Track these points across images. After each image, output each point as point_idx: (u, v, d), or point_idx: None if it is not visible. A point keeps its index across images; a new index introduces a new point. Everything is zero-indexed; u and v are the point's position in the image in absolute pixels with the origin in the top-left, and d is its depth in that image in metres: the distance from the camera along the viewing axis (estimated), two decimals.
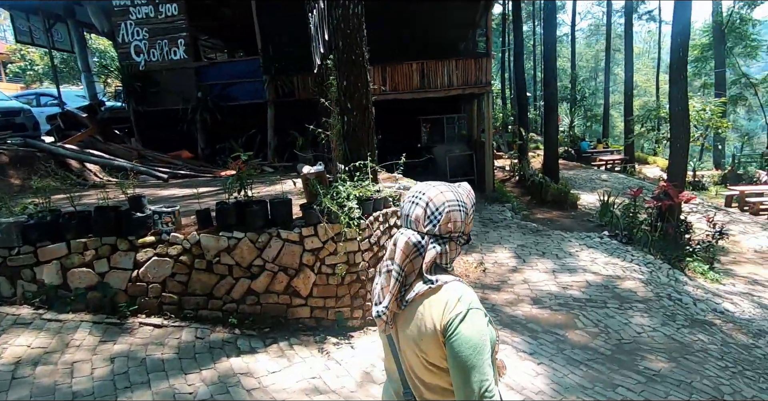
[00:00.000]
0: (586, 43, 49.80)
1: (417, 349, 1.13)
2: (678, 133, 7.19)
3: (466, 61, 9.42)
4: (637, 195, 7.48)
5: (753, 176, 15.99)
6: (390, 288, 1.14)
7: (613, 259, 6.52)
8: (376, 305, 1.19)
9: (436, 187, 1.18)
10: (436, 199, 1.15)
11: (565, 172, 16.35)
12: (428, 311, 1.10)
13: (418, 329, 1.11)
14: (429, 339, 1.09)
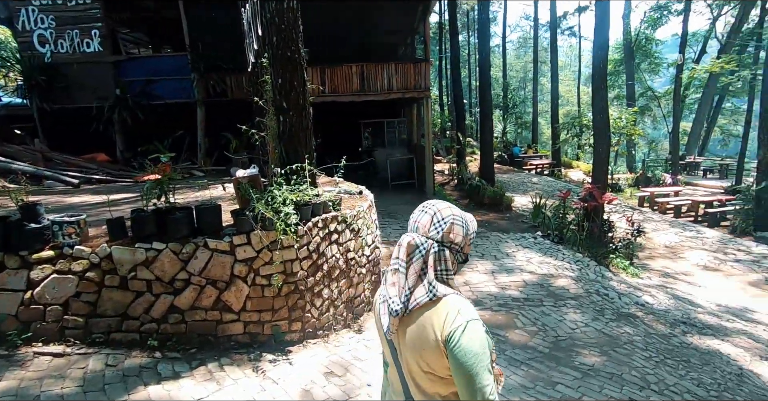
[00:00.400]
0: (516, 54, 53.01)
1: (419, 358, 1.18)
2: (600, 139, 7.74)
3: (405, 65, 9.49)
4: (566, 197, 7.93)
5: (659, 179, 17.83)
6: (400, 283, 1.21)
7: (547, 258, 6.82)
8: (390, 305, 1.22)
9: (445, 203, 1.30)
10: (444, 210, 1.26)
11: (500, 176, 17.08)
12: (429, 323, 1.16)
13: (420, 339, 1.17)
14: (431, 350, 1.15)
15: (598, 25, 7.80)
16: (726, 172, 21.45)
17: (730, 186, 16.57)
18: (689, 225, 11.28)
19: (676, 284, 7.07)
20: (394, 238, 7.49)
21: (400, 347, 1.24)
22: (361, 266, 4.66)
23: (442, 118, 25.91)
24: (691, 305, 5.91)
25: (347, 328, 4.30)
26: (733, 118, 33.51)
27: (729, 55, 17.62)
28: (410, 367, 1.23)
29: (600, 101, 7.67)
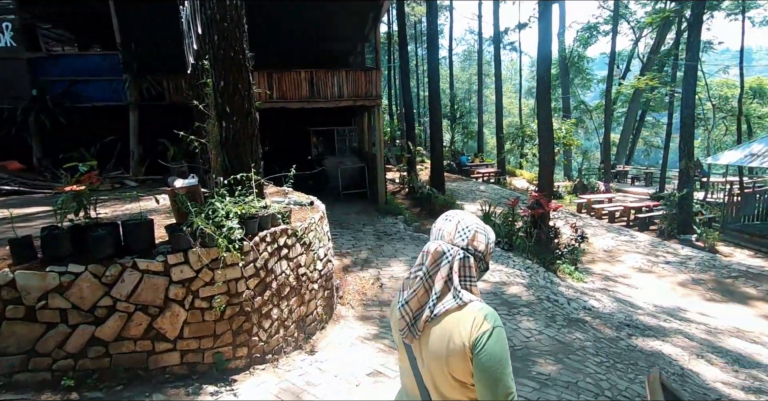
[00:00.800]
0: (461, 67, 55.09)
1: (443, 364, 1.19)
2: (545, 147, 8.04)
3: (356, 72, 9.36)
4: (515, 205, 8.14)
5: (594, 186, 19.05)
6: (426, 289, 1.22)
7: (498, 266, 6.90)
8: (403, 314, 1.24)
9: (466, 213, 1.34)
10: (467, 219, 1.30)
11: (449, 184, 17.38)
12: (456, 328, 1.17)
13: (446, 345, 1.18)
14: (457, 355, 1.16)
15: (541, 42, 8.18)
16: (651, 179, 23.42)
17: (655, 192, 18.07)
18: (623, 230, 12.05)
19: (617, 287, 7.43)
20: (347, 249, 7.26)
21: (421, 353, 1.25)
22: (313, 282, 4.39)
23: (392, 127, 26.13)
24: (632, 307, 6.20)
25: (299, 350, 4.00)
26: (654, 131, 36.87)
27: (652, 73, 19.32)
28: (432, 372, 1.23)
29: (544, 112, 7.99)
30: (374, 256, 7.03)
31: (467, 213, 1.33)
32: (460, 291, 1.21)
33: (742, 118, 18.64)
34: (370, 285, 5.88)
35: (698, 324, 5.88)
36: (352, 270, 6.40)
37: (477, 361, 1.14)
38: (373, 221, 9.20)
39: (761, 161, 11.56)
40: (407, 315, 1.23)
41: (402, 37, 14.17)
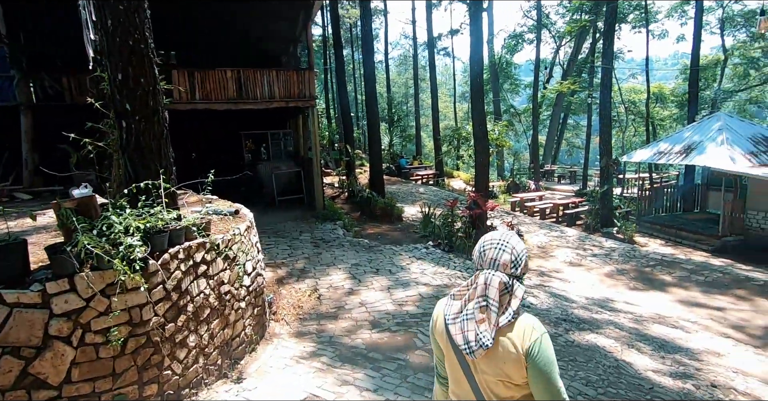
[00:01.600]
0: (398, 71, 55.95)
1: (500, 371, 1.37)
2: (480, 147, 8.15)
3: (288, 72, 8.90)
4: (453, 206, 8.16)
5: (525, 185, 20.01)
6: (491, 320, 1.36)
7: (440, 268, 6.83)
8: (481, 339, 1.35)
9: (512, 236, 1.45)
10: (518, 246, 1.43)
11: (388, 187, 17.34)
12: (510, 340, 1.35)
13: (502, 354, 1.36)
14: (512, 362, 1.35)
15: (473, 47, 8.31)
16: (574, 177, 25.16)
17: (579, 189, 19.35)
18: (554, 226, 12.67)
19: (552, 282, 7.68)
20: (282, 260, 6.80)
21: (476, 363, 1.41)
22: (239, 300, 3.94)
23: (330, 131, 25.72)
24: (566, 301, 6.39)
25: (223, 379, 3.54)
26: (575, 132, 39.86)
27: (573, 78, 20.70)
28: (487, 378, 1.40)
29: (478, 113, 8.11)
30: (312, 265, 6.65)
31: (511, 237, 1.45)
32: (514, 312, 1.37)
33: (649, 120, 20.62)
34: (307, 298, 5.50)
35: (626, 314, 6.18)
36: (287, 282, 5.97)
37: (531, 366, 1.32)
38: (310, 228, 8.79)
39: (667, 158, 12.74)
40: (464, 335, 1.38)
41: (337, 38, 13.88)
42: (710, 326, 6.03)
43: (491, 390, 1.40)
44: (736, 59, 29.62)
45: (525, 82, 37.41)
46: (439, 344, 1.54)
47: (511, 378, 1.35)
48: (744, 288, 7.50)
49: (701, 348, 5.09)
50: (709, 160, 11.38)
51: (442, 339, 1.49)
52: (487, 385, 1.40)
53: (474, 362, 1.40)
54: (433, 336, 1.56)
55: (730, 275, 8.19)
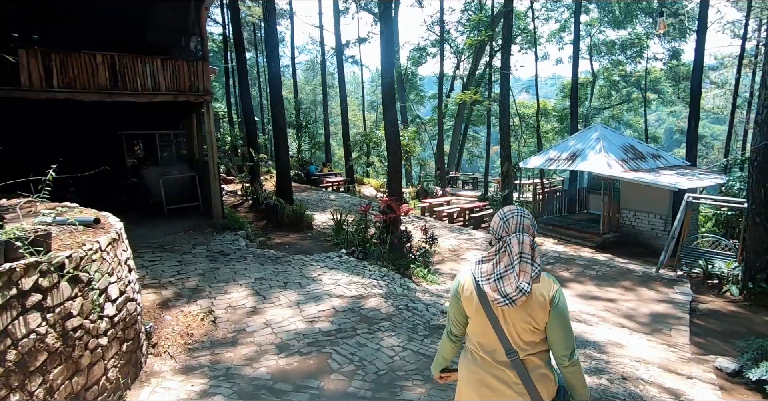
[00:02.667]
0: (306, 78, 54.88)
1: (528, 318, 1.67)
2: (393, 150, 7.92)
3: (177, 62, 7.76)
4: (367, 211, 7.78)
5: (433, 191, 20.63)
6: (529, 272, 1.66)
7: (354, 278, 6.35)
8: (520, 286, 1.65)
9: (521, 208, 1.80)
10: (528, 214, 1.77)
11: (298, 194, 16.52)
12: (538, 289, 1.67)
13: (533, 302, 1.66)
14: (539, 308, 1.66)
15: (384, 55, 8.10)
16: (477, 183, 26.75)
17: (482, 195, 20.47)
18: (462, 229, 13.04)
19: None
20: (169, 278, 5.75)
21: (506, 315, 1.70)
22: (98, 335, 3.02)
23: (234, 136, 23.95)
24: None
25: None
26: (475, 142, 42.82)
27: (473, 89, 21.96)
28: (516, 325, 1.70)
29: (390, 113, 7.87)
30: (206, 283, 5.71)
31: (522, 209, 1.77)
32: (538, 266, 1.70)
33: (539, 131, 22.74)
34: (199, 322, 4.61)
35: None
36: (174, 305, 4.99)
37: (554, 310, 1.67)
38: (206, 239, 7.71)
39: (557, 164, 13.95)
40: (502, 289, 1.65)
41: (237, 33, 12.80)
42: (607, 317, 6.44)
43: (518, 335, 1.69)
44: (601, 81, 34.47)
45: (429, 94, 39.21)
46: (463, 305, 1.80)
47: (537, 322, 1.66)
48: (628, 279, 8.28)
49: (605, 340, 5.33)
50: (591, 165, 12.67)
51: (470, 299, 1.75)
52: (516, 332, 1.69)
53: (504, 314, 1.69)
54: (458, 298, 1.82)
55: (615, 268, 9.04)
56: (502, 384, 1.74)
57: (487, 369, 1.77)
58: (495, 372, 1.75)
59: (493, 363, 1.76)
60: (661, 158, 13.98)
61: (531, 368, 1.72)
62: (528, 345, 1.71)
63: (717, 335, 6.15)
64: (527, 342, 1.70)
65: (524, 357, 1.72)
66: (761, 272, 7.79)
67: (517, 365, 1.71)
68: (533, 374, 1.72)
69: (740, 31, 26.84)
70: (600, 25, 31.37)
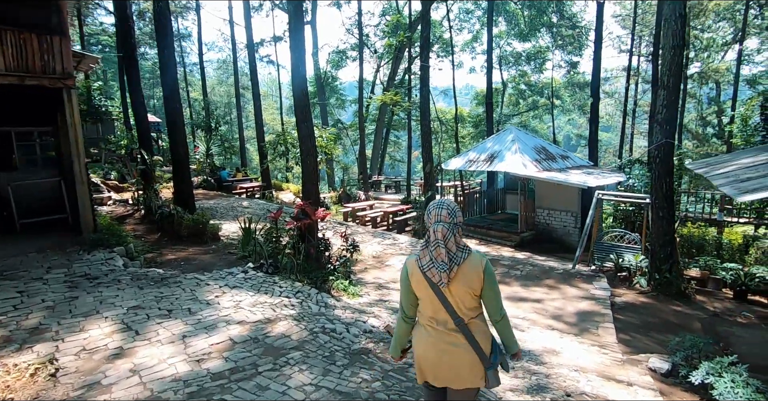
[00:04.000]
0: (219, 78, 51.22)
1: (467, 288, 2.08)
2: (307, 150, 7.01)
3: (22, 34, 6.06)
4: (278, 217, 6.76)
5: (356, 196, 19.95)
6: (444, 255, 2.06)
7: (261, 297, 5.33)
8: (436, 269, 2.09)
9: (447, 200, 2.21)
10: (451, 204, 2.16)
11: (206, 202, 14.84)
12: (472, 265, 2.09)
13: (470, 274, 2.08)
14: (475, 278, 2.08)
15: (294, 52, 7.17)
16: (399, 187, 26.64)
17: (405, 198, 20.24)
18: (386, 234, 12.47)
19: (391, 295, 7.00)
20: (16, 318, 4.25)
21: (450, 286, 2.09)
22: None
23: (130, 138, 21.08)
24: None
25: None
26: (396, 147, 43.17)
27: (393, 90, 21.76)
28: (459, 295, 2.09)
29: (302, 109, 6.97)
30: (55, 319, 4.31)
31: (448, 200, 2.19)
32: (464, 247, 2.12)
33: (458, 135, 23.20)
34: (27, 379, 3.30)
35: None
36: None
37: (486, 277, 2.09)
38: (70, 260, 6.11)
39: (477, 165, 14.04)
40: (439, 273, 2.06)
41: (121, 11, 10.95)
42: (537, 320, 6.17)
43: (463, 304, 2.11)
44: (510, 89, 36.76)
45: (350, 98, 38.69)
46: (414, 289, 2.19)
47: (475, 289, 2.09)
48: (551, 277, 8.25)
49: (540, 347, 4.96)
50: (509, 166, 12.88)
51: (421, 284, 2.14)
52: (460, 302, 2.10)
53: (449, 290, 2.10)
54: (408, 284, 2.20)
55: (537, 267, 9.03)
56: (453, 346, 2.13)
57: (441, 337, 2.15)
58: (447, 338, 2.13)
59: (445, 331, 2.13)
60: (569, 158, 14.76)
61: (474, 329, 2.13)
62: (470, 311, 2.12)
63: (638, 329, 6.18)
64: (469, 308, 2.11)
65: (468, 321, 2.12)
66: (665, 263, 8.21)
67: (463, 329, 2.11)
68: (476, 334, 2.12)
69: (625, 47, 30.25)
70: (507, 38, 33.42)
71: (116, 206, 11.98)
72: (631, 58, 22.90)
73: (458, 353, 2.12)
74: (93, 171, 17.58)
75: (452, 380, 2.17)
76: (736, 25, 24.84)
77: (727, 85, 28.77)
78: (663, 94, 7.83)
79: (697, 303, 7.75)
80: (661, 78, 7.87)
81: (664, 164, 8.02)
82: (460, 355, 2.12)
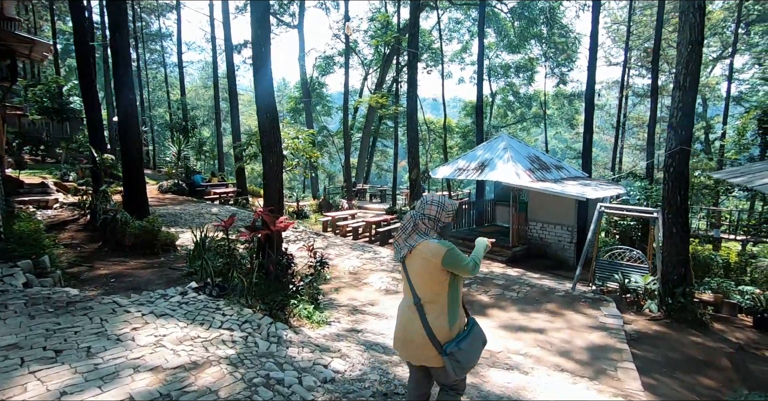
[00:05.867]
0: (204, 83, 49.78)
1: (425, 272, 2.39)
2: (269, 145, 5.87)
3: None
4: (228, 225, 5.56)
5: (339, 204, 18.79)
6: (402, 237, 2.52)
7: (195, 330, 4.12)
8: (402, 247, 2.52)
9: (433, 195, 2.56)
10: (429, 198, 2.52)
11: (172, 208, 13.52)
12: (429, 252, 2.38)
13: (425, 262, 2.39)
14: (432, 267, 2.36)
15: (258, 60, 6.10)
16: (385, 196, 25.57)
17: (390, 207, 19.14)
18: (367, 247, 11.32)
19: (366, 322, 5.84)
20: None
21: (409, 267, 2.47)
22: None
23: None
24: (385, 354, 4.55)
25: None
26: (383, 156, 42.24)
27: (380, 92, 20.82)
28: (417, 275, 2.43)
29: (265, 97, 5.84)
30: None
31: (433, 195, 2.53)
32: (423, 234, 2.46)
33: (446, 144, 22.33)
34: None
35: None
36: None
37: (446, 265, 2.35)
38: None
39: (466, 174, 13.06)
40: (398, 247, 2.52)
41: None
42: (541, 357, 5.08)
43: (421, 284, 2.42)
44: (498, 101, 36.32)
45: (337, 105, 37.73)
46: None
47: (431, 274, 2.38)
48: (552, 301, 7.20)
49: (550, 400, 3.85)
50: (501, 175, 11.93)
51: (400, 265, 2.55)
52: (420, 282, 2.43)
53: (410, 269, 2.46)
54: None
55: (535, 288, 7.98)
56: (409, 321, 2.46)
57: (404, 311, 2.53)
58: (407, 312, 2.49)
59: (407, 306, 2.51)
60: (563, 169, 13.91)
61: (428, 311, 2.40)
62: (427, 294, 2.41)
63: (661, 369, 5.14)
64: (426, 290, 2.41)
65: (424, 302, 2.42)
66: (678, 286, 7.26)
67: (419, 307, 2.42)
68: (429, 316, 2.39)
69: (615, 59, 30.05)
70: (497, 49, 33.02)
71: (62, 210, 10.59)
72: (626, 66, 22.45)
73: (412, 329, 2.42)
74: (49, 171, 16.12)
75: (410, 355, 2.47)
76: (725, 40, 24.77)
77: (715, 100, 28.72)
78: (678, 94, 6.95)
79: (716, 333, 6.77)
80: (676, 77, 7.01)
81: (678, 174, 7.12)
82: (413, 331, 2.41)
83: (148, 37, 34.89)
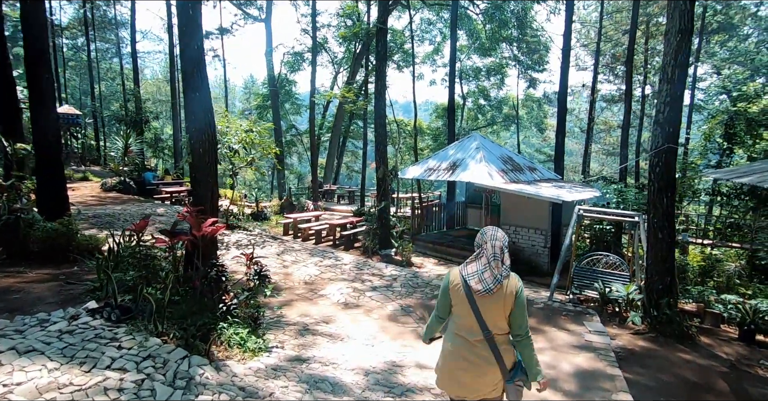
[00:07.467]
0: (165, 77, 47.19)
1: (501, 304, 2.35)
2: (198, 132, 4.80)
3: None
4: (141, 229, 4.44)
5: (304, 205, 17.65)
6: (500, 268, 2.40)
7: (70, 373, 3.01)
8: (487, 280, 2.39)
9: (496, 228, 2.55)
10: (497, 230, 2.52)
11: (111, 208, 12.06)
12: (508, 285, 2.38)
13: (504, 294, 2.36)
14: (509, 297, 2.36)
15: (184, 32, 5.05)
16: (353, 197, 24.59)
17: (357, 209, 18.16)
18: (328, 252, 10.32)
19: (316, 346, 4.85)
20: None
21: (484, 301, 2.37)
22: None
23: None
24: (334, 395, 3.57)
25: None
26: (354, 157, 41.22)
27: (348, 87, 19.86)
28: (491, 310, 2.37)
29: (192, 71, 4.77)
30: None
31: (496, 228, 2.54)
32: (508, 267, 2.44)
33: (417, 145, 21.61)
34: None
35: (423, 395, 3.81)
36: None
37: (517, 300, 2.37)
38: None
39: (437, 174, 12.30)
40: (484, 282, 2.36)
41: None
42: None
43: (493, 319, 2.37)
44: (470, 104, 36.08)
45: (307, 104, 36.41)
46: (451, 296, 2.46)
47: (505, 309, 2.36)
48: (530, 314, 6.36)
49: None
50: (473, 176, 11.22)
51: (458, 292, 2.42)
52: (491, 316, 2.37)
53: (484, 303, 2.37)
54: (447, 292, 2.48)
55: None
56: (478, 357, 2.40)
57: (469, 347, 2.42)
58: (474, 349, 2.40)
59: (469, 340, 2.41)
60: (537, 171, 13.38)
61: (499, 343, 2.41)
62: (499, 326, 2.40)
63: (656, 397, 4.43)
64: (499, 323, 2.39)
65: (494, 335, 2.40)
66: (663, 296, 6.68)
67: (490, 340, 2.39)
68: (500, 347, 2.40)
69: (582, 63, 30.33)
70: (468, 52, 32.74)
71: None
72: (596, 70, 22.47)
73: (482, 364, 2.40)
74: None
75: (473, 390, 2.45)
76: None
77: None
78: (666, 88, 6.38)
79: (704, 348, 6.21)
80: (664, 69, 6.43)
81: (665, 174, 6.54)
82: (483, 366, 2.41)
83: (101, 24, 32.52)
